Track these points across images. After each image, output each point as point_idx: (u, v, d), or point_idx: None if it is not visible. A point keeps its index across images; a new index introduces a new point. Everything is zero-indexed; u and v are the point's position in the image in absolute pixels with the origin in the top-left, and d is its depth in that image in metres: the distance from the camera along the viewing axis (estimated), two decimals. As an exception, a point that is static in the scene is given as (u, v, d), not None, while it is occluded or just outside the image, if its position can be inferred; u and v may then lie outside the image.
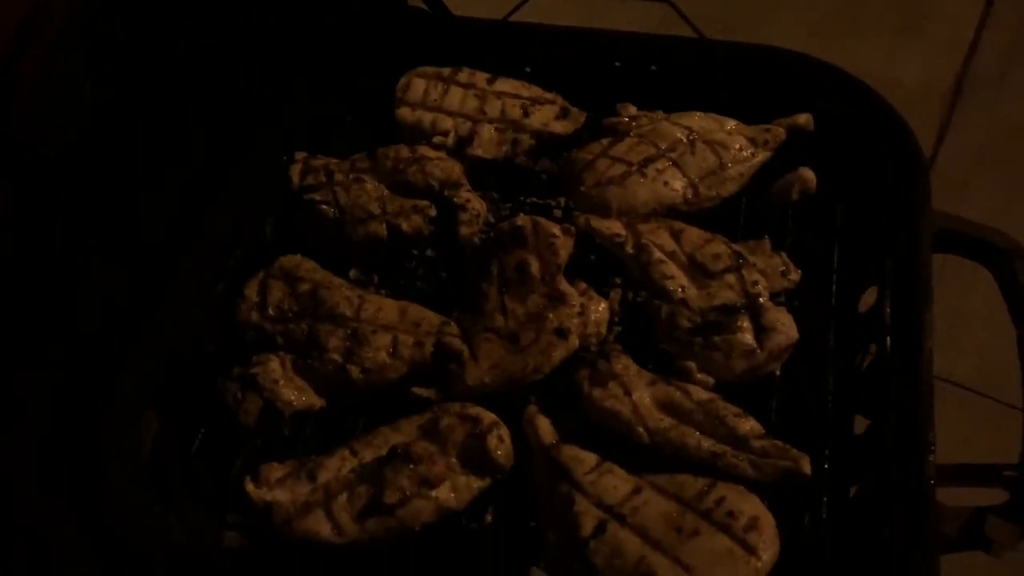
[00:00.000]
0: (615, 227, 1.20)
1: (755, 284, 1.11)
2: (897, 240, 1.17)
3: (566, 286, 1.14)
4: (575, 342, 1.11)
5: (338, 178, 1.24)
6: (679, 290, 1.12)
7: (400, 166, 1.25)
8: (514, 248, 1.16)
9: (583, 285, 1.16)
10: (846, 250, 1.21)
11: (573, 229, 1.19)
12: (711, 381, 1.07)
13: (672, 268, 1.15)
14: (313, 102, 1.42)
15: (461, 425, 1.03)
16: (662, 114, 1.32)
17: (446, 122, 1.32)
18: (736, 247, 1.17)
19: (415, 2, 1.50)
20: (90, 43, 1.05)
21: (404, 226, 1.21)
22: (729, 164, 1.26)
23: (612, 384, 1.05)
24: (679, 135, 1.27)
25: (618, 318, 1.16)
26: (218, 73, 1.27)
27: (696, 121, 1.30)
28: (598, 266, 1.21)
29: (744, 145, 1.28)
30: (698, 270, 1.15)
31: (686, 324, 1.09)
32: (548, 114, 1.34)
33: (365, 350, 1.09)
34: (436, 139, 1.30)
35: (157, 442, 1.10)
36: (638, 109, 1.34)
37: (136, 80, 1.14)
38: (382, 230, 1.21)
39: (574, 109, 1.35)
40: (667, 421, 1.02)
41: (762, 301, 1.10)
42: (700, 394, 1.04)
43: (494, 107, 1.34)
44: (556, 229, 1.17)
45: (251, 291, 1.14)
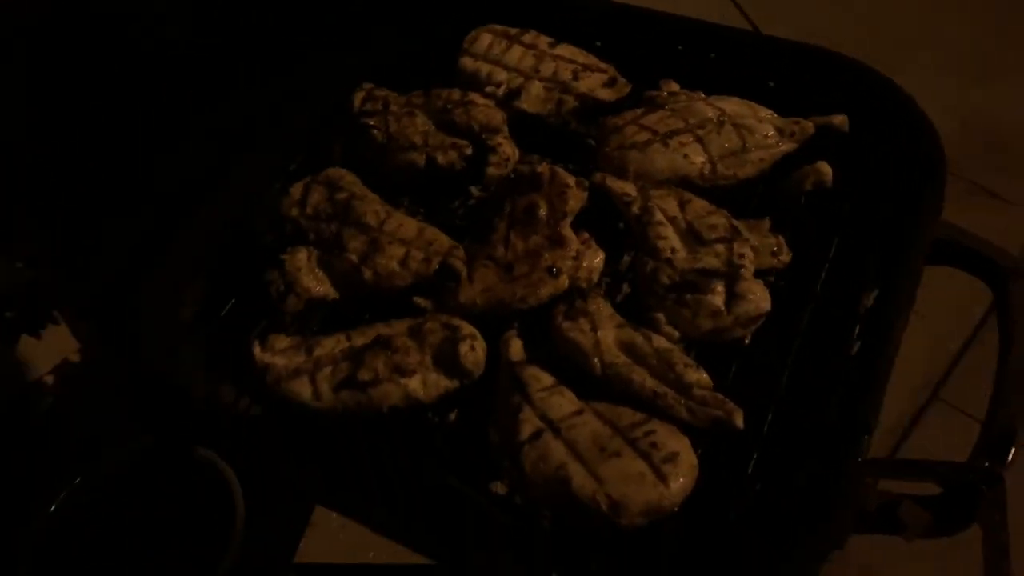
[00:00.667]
0: (627, 188, 1.29)
1: (741, 256, 1.18)
2: (891, 241, 1.21)
3: (568, 232, 1.25)
4: (564, 282, 1.21)
5: (393, 109, 1.39)
6: (668, 250, 1.20)
7: (448, 106, 1.39)
8: (529, 191, 1.27)
9: (586, 235, 1.26)
10: (845, 244, 1.25)
11: (587, 183, 1.29)
12: (676, 334, 1.15)
13: (668, 231, 1.23)
14: (401, 39, 1.57)
15: (442, 330, 1.16)
16: (701, 95, 1.40)
17: (500, 75, 1.45)
18: (736, 222, 1.24)
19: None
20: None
21: (440, 159, 1.35)
22: (752, 148, 1.32)
23: (582, 319, 1.15)
24: (710, 114, 1.35)
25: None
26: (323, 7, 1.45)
27: (731, 105, 1.37)
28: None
29: (771, 133, 1.34)
30: (693, 237, 1.23)
31: (665, 280, 1.18)
32: (596, 81, 1.44)
33: (379, 256, 1.24)
34: (488, 88, 1.43)
35: (196, 307, 1.29)
36: (682, 88, 1.42)
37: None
38: (420, 159, 1.35)
39: (622, 79, 1.45)
40: (622, 359, 1.11)
41: (742, 272, 1.16)
42: (660, 342, 1.13)
43: (548, 67, 1.45)
44: (571, 180, 1.28)
45: (296, 191, 1.31)
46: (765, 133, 1.33)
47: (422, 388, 1.13)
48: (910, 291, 1.16)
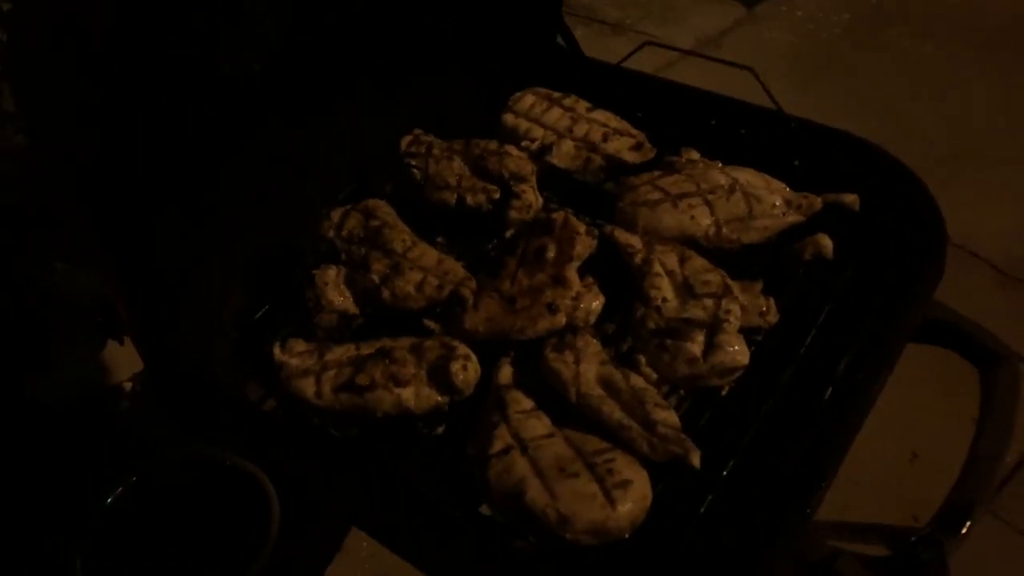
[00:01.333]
0: (633, 240, 1.38)
1: (728, 312, 1.25)
2: (879, 314, 1.25)
3: (572, 275, 1.34)
4: (562, 320, 1.30)
5: (434, 152, 1.53)
6: (660, 299, 1.28)
7: (484, 154, 1.52)
8: (541, 233, 1.38)
9: (590, 280, 1.35)
10: (836, 312, 1.30)
11: (597, 233, 1.39)
12: (653, 376, 1.22)
13: (664, 282, 1.31)
14: (455, 93, 1.73)
15: (440, 348, 1.26)
16: (719, 164, 1.49)
17: (537, 131, 1.57)
18: (730, 282, 1.31)
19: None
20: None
21: (469, 199, 1.47)
22: (758, 216, 1.40)
23: (567, 352, 1.23)
24: (722, 181, 1.43)
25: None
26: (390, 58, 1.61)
27: (745, 175, 1.45)
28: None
29: (779, 203, 1.41)
30: (686, 290, 1.30)
31: (651, 326, 1.26)
32: (624, 144, 1.55)
33: (398, 280, 1.36)
34: (524, 143, 1.56)
35: (235, 311, 1.44)
36: (702, 156, 1.52)
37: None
38: (452, 199, 1.48)
39: (648, 144, 1.55)
40: (597, 391, 1.19)
41: (725, 326, 1.23)
42: (637, 381, 1.20)
43: (581, 128, 1.57)
44: (582, 228, 1.38)
45: (336, 215, 1.46)
46: (773, 203, 1.41)
47: (414, 399, 1.23)
48: (887, 360, 1.20)
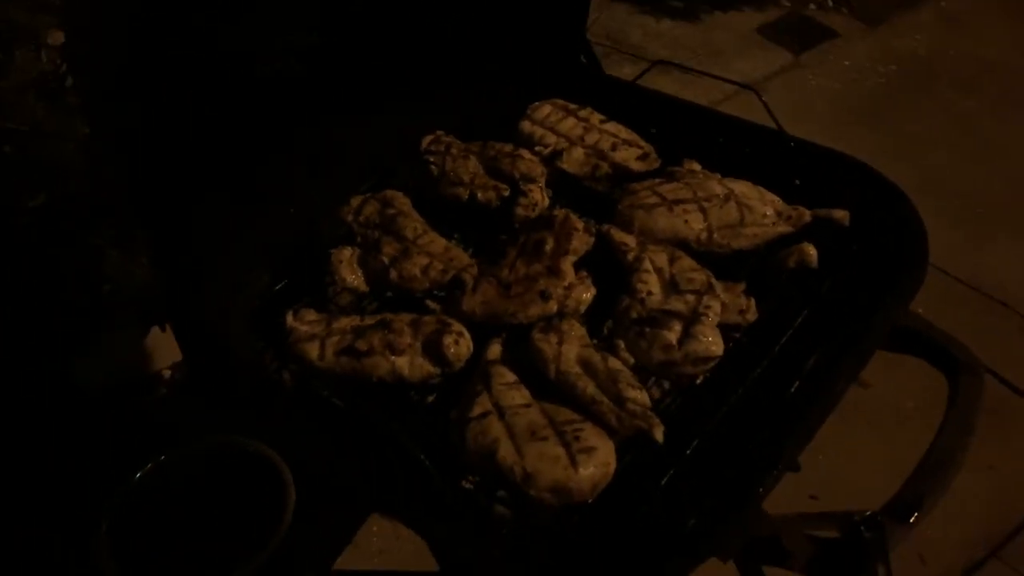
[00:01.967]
0: (627, 239, 1.47)
1: (707, 308, 1.33)
2: (852, 317, 1.32)
3: (567, 267, 1.43)
4: (553, 307, 1.39)
5: (452, 151, 1.65)
6: (645, 293, 1.37)
7: (498, 156, 1.63)
8: (542, 228, 1.48)
9: (584, 273, 1.44)
10: (813, 316, 1.37)
11: (595, 230, 1.48)
12: (631, 360, 1.30)
13: (651, 278, 1.39)
14: (478, 100, 1.84)
15: (436, 324, 1.36)
16: (718, 176, 1.57)
17: (550, 138, 1.68)
18: (714, 281, 1.39)
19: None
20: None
21: (480, 195, 1.58)
22: (749, 224, 1.47)
23: (552, 334, 1.32)
24: (718, 191, 1.51)
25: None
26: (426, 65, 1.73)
27: (740, 186, 1.53)
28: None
29: (770, 213, 1.49)
30: (672, 286, 1.38)
31: (633, 315, 1.34)
32: (631, 154, 1.64)
33: (406, 262, 1.47)
34: (537, 148, 1.66)
35: (262, 289, 1.56)
36: (703, 168, 1.60)
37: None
38: (464, 194, 1.59)
39: (653, 155, 1.64)
40: (575, 369, 1.27)
41: (703, 319, 1.31)
42: (614, 363, 1.28)
43: (592, 137, 1.67)
44: (579, 225, 1.48)
45: (355, 201, 1.58)
46: (764, 213, 1.49)
47: (408, 368, 1.33)
48: (854, 361, 1.26)
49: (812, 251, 1.43)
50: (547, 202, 1.59)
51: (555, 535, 1.14)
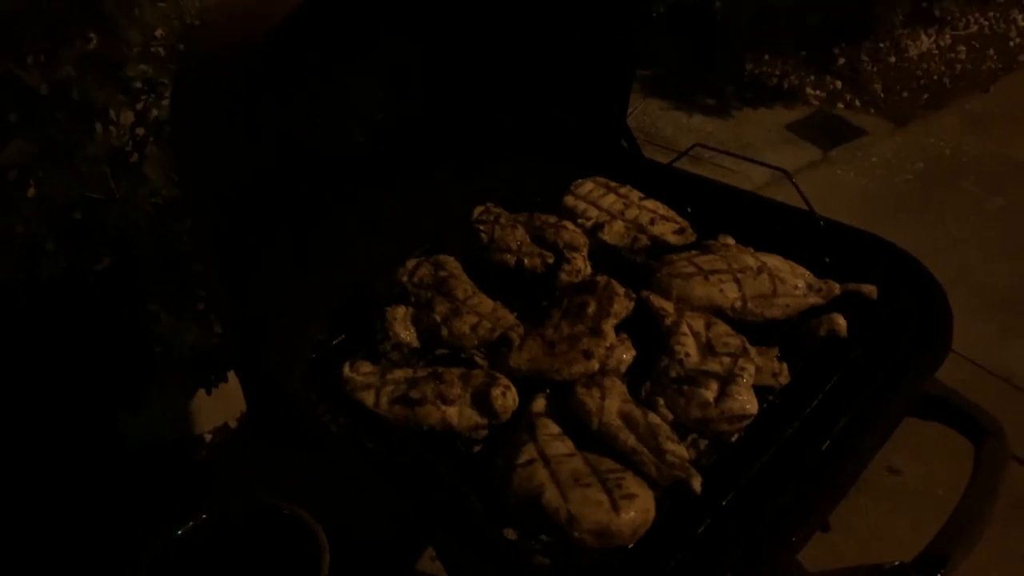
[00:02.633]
0: (666, 305, 1.55)
1: (742, 369, 1.40)
2: (881, 385, 1.38)
3: (608, 329, 1.52)
4: (594, 365, 1.47)
5: (501, 221, 1.76)
6: (683, 354, 1.44)
7: (544, 226, 1.74)
8: (585, 292, 1.57)
9: (624, 336, 1.53)
10: (843, 380, 1.43)
11: (635, 296, 1.57)
12: (670, 416, 1.37)
13: (689, 341, 1.47)
14: (532, 177, 1.97)
15: (484, 377, 1.45)
16: (751, 250, 1.66)
17: (592, 212, 1.79)
18: (749, 346, 1.46)
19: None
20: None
21: (526, 262, 1.68)
22: (781, 295, 1.56)
23: (595, 388, 1.40)
24: (752, 263, 1.60)
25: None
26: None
27: (772, 260, 1.62)
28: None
29: (801, 285, 1.57)
30: (708, 349, 1.46)
31: (672, 375, 1.41)
32: (669, 228, 1.75)
33: (456, 321, 1.56)
34: (580, 220, 1.77)
35: (319, 339, 1.65)
36: (737, 243, 1.70)
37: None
38: (511, 260, 1.70)
39: (690, 230, 1.74)
40: (617, 422, 1.34)
41: (738, 379, 1.38)
42: (653, 418, 1.35)
43: (632, 213, 1.78)
44: (621, 291, 1.57)
45: (410, 264, 1.69)
46: (795, 285, 1.57)
47: (457, 417, 1.41)
48: (883, 424, 1.32)
49: (842, 321, 1.50)
50: (589, 270, 1.68)
51: (596, 577, 1.20)
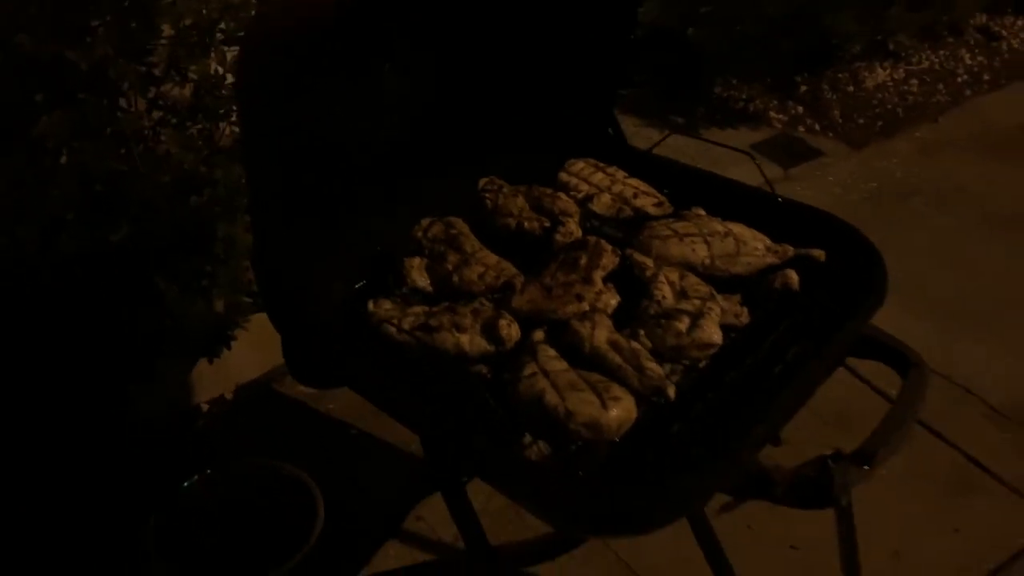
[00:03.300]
0: (647, 261, 1.82)
1: (710, 308, 1.67)
2: (824, 325, 1.66)
3: (597, 278, 1.77)
4: (586, 306, 1.72)
5: (504, 191, 2.02)
6: (660, 297, 1.70)
7: (541, 196, 2.00)
8: (577, 249, 1.83)
9: (611, 285, 1.78)
10: (793, 324, 1.70)
11: (620, 252, 1.83)
12: (649, 345, 1.62)
13: (665, 288, 1.73)
14: (525, 157, 2.22)
15: (491, 312, 1.69)
16: (719, 219, 1.94)
17: (583, 186, 2.05)
18: (715, 293, 1.73)
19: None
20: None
21: (525, 225, 1.94)
22: (743, 255, 1.83)
23: (586, 321, 1.65)
24: (719, 229, 1.88)
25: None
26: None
27: (737, 227, 1.89)
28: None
29: (760, 248, 1.84)
30: (682, 295, 1.72)
31: (651, 312, 1.67)
32: (649, 201, 2.02)
33: (466, 270, 1.81)
34: (572, 192, 2.04)
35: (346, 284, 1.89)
36: (707, 213, 1.97)
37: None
38: (512, 224, 1.95)
39: (668, 203, 2.02)
40: (605, 347, 1.59)
41: (705, 315, 1.64)
42: (635, 344, 1.61)
43: (617, 188, 2.05)
44: (608, 247, 1.83)
45: (424, 222, 1.94)
46: (756, 247, 1.84)
47: (468, 344, 1.65)
48: (827, 354, 1.60)
49: (795, 276, 1.77)
50: (580, 233, 1.94)
51: (588, 463, 1.44)
